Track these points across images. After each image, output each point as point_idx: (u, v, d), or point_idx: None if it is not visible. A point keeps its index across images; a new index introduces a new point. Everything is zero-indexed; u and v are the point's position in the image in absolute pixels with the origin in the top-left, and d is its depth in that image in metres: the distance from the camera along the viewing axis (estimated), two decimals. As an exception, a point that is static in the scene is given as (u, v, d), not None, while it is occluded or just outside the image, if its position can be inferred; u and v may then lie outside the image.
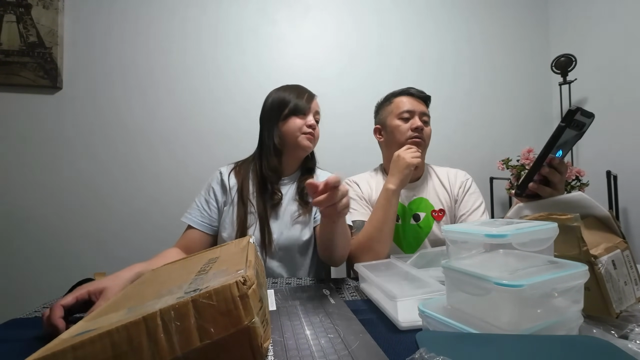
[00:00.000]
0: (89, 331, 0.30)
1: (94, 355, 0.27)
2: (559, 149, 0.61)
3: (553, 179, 0.63)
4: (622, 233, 0.53)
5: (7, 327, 0.56)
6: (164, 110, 1.67)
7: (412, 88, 1.07)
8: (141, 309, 0.32)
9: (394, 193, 0.91)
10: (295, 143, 0.94)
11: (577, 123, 0.58)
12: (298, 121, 0.93)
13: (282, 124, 0.94)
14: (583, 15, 1.89)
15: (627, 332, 0.44)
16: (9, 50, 1.52)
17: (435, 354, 0.31)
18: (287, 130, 0.94)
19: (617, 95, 1.71)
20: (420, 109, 1.02)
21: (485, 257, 0.46)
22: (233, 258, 0.46)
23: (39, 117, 1.56)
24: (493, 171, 1.81)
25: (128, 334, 0.29)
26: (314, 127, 0.95)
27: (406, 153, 0.94)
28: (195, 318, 0.30)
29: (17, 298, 1.47)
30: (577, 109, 0.57)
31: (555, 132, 0.57)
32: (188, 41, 1.70)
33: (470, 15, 2.00)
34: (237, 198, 0.92)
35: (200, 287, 0.34)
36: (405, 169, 0.92)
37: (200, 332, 0.30)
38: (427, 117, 1.03)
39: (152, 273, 0.59)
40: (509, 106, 2.02)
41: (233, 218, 0.91)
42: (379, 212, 0.91)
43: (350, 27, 1.86)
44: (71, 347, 0.27)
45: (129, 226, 1.60)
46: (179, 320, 0.30)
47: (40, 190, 1.55)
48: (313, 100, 0.98)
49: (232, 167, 1.01)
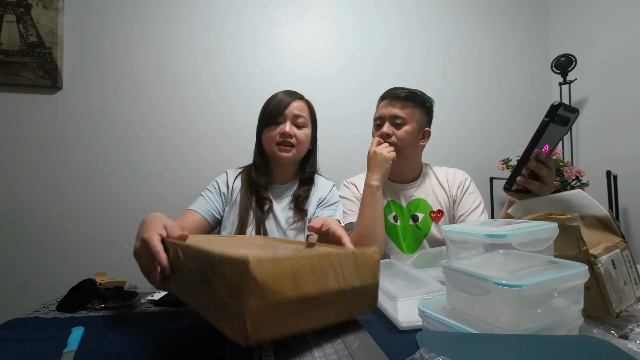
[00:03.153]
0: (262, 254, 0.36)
1: (302, 267, 0.36)
2: (545, 144, 0.63)
3: (541, 173, 0.64)
4: (621, 233, 0.53)
5: (7, 327, 0.56)
6: (164, 110, 1.67)
7: (390, 90, 1.03)
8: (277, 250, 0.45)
9: (378, 189, 0.93)
10: (272, 155, 0.95)
11: (561, 118, 0.60)
12: (272, 132, 0.94)
13: (263, 135, 0.96)
14: (583, 15, 1.90)
15: (627, 332, 0.44)
16: (9, 50, 1.52)
17: (436, 354, 0.31)
18: (264, 142, 0.97)
19: (617, 95, 1.71)
20: (391, 113, 0.99)
21: (485, 257, 0.46)
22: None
23: (39, 117, 1.56)
24: (493, 171, 1.81)
25: (320, 261, 0.38)
26: (290, 135, 0.92)
27: (381, 149, 0.95)
28: (354, 264, 0.41)
29: (17, 298, 1.47)
30: (560, 104, 0.58)
31: (540, 127, 0.60)
32: (188, 41, 1.70)
33: (470, 15, 2.00)
34: (239, 200, 0.94)
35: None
36: (385, 163, 0.94)
37: (357, 275, 0.42)
38: (400, 119, 0.98)
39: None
40: (509, 106, 2.02)
41: (233, 219, 0.93)
42: (367, 210, 0.92)
43: (350, 27, 1.86)
44: (288, 257, 0.35)
45: (129, 226, 1.59)
46: (346, 262, 0.41)
47: (40, 190, 1.55)
48: (288, 106, 0.94)
49: (238, 171, 1.03)
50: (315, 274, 0.37)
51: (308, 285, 0.36)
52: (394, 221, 1.03)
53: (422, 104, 1.02)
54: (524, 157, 0.63)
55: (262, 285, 0.31)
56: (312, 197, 1.01)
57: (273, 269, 0.33)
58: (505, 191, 0.67)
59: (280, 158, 0.94)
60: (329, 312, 0.40)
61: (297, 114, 0.95)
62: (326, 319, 0.40)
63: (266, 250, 0.42)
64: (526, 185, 0.66)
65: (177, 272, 0.45)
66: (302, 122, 0.96)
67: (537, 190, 0.65)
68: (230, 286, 0.33)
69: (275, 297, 0.33)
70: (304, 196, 0.98)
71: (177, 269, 0.46)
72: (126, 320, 0.60)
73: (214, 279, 0.35)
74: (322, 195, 1.02)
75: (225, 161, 1.52)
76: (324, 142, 1.78)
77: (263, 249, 0.45)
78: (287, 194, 1.00)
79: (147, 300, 0.70)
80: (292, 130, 0.93)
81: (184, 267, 0.43)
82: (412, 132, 0.99)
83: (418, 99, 1.01)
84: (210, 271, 0.36)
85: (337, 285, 0.39)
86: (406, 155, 1.00)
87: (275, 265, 0.33)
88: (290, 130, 0.92)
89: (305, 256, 0.37)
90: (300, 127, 0.95)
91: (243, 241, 0.59)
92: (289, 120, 0.94)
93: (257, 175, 0.96)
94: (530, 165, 0.64)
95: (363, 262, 0.42)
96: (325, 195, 1.02)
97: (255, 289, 0.31)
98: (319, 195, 1.01)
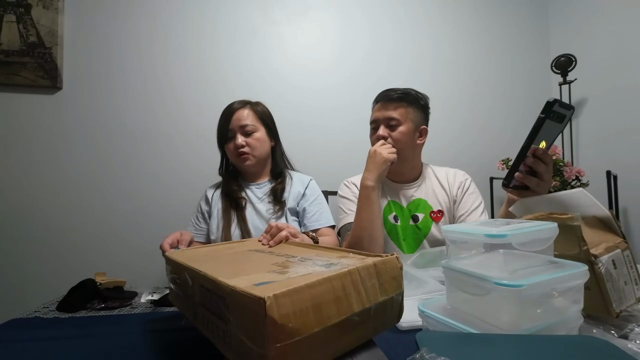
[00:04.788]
0: (271, 282, 0.33)
1: (322, 294, 0.32)
2: (541, 140, 0.63)
3: (538, 169, 0.65)
4: (622, 233, 0.53)
5: (7, 327, 0.56)
6: (164, 110, 1.67)
7: (382, 92, 1.03)
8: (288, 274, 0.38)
9: (373, 189, 0.92)
10: (237, 165, 1.07)
11: (557, 115, 0.61)
12: (229, 147, 1.04)
13: (226, 151, 1.07)
14: (583, 15, 1.89)
15: (627, 332, 0.44)
16: (9, 50, 1.52)
17: (436, 354, 0.31)
18: (229, 157, 1.08)
19: (617, 95, 1.71)
20: (385, 115, 0.99)
21: (485, 257, 0.46)
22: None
23: (39, 117, 1.56)
24: (493, 171, 1.81)
25: (342, 282, 0.34)
26: (242, 146, 1.01)
27: (382, 149, 0.95)
28: (377, 278, 0.37)
29: (17, 298, 1.47)
30: (555, 100, 0.59)
31: (536, 124, 0.61)
32: (188, 41, 1.70)
33: (470, 15, 2.00)
34: (220, 206, 1.05)
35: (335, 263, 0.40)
36: (383, 164, 0.93)
37: (381, 289, 0.37)
38: (395, 121, 0.98)
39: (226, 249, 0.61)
40: (509, 106, 2.01)
41: (217, 222, 1.03)
42: (362, 212, 0.92)
43: (350, 27, 1.86)
44: (306, 286, 0.31)
45: (129, 226, 1.60)
46: (369, 278, 0.37)
47: (40, 190, 1.55)
48: (231, 120, 1.03)
49: (216, 186, 1.13)
50: (338, 299, 0.33)
51: (331, 312, 0.33)
52: (394, 221, 1.03)
53: (415, 103, 1.01)
54: (521, 154, 0.64)
55: (282, 325, 0.28)
56: (291, 189, 1.08)
57: (292, 304, 0.30)
58: (503, 188, 0.68)
59: (244, 168, 1.05)
60: (356, 334, 0.36)
61: (243, 123, 1.02)
62: (352, 342, 0.36)
63: (281, 271, 0.38)
64: (524, 181, 0.66)
65: (187, 296, 0.44)
66: (250, 129, 1.03)
67: (535, 187, 0.66)
68: (246, 327, 0.31)
69: (298, 334, 0.30)
70: (280, 189, 1.06)
71: (185, 292, 0.44)
72: (126, 320, 0.60)
73: (227, 314, 0.33)
74: (301, 189, 1.08)
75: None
76: (324, 142, 1.80)
77: (277, 267, 0.41)
78: (264, 190, 1.08)
79: (147, 300, 0.70)
80: (243, 140, 1.01)
81: (194, 293, 0.41)
82: (407, 132, 0.98)
83: (411, 98, 1.00)
84: (222, 305, 0.34)
85: (362, 305, 0.35)
86: (404, 155, 1.00)
87: (293, 299, 0.30)
88: (241, 142, 1.00)
89: (325, 279, 0.33)
90: (249, 134, 1.02)
91: (250, 255, 0.53)
92: (237, 132, 1.02)
93: (225, 185, 1.07)
94: (528, 162, 0.64)
95: (385, 273, 0.38)
96: (304, 189, 1.09)
97: (273, 331, 0.28)
98: (297, 189, 1.08)
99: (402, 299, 0.41)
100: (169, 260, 0.52)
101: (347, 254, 0.44)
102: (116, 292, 0.70)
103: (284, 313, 0.29)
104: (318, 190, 1.12)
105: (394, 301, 0.39)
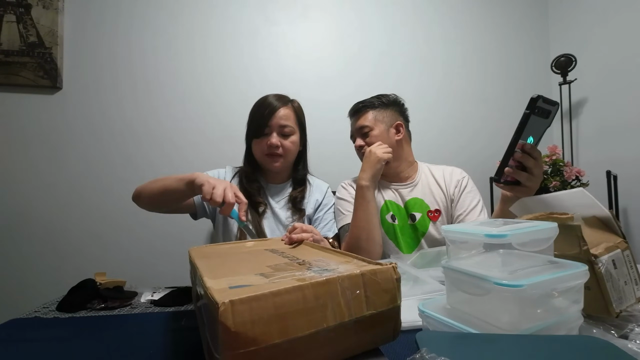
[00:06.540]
0: (247, 286, 0.31)
1: (290, 304, 0.30)
2: (529, 136, 0.65)
3: (527, 164, 0.66)
4: (622, 233, 0.53)
5: (7, 327, 0.56)
6: (164, 110, 1.67)
7: (351, 108, 1.10)
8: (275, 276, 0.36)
9: (368, 189, 0.94)
10: (263, 164, 0.99)
11: (542, 110, 0.63)
12: (260, 143, 0.96)
13: (252, 146, 0.99)
14: (583, 15, 1.89)
15: (627, 332, 0.44)
16: (9, 50, 1.51)
17: (436, 354, 0.31)
18: (254, 152, 0.99)
19: (617, 95, 1.71)
20: (357, 126, 1.05)
21: (485, 257, 0.46)
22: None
23: (39, 117, 1.56)
24: (493, 171, 1.77)
25: (315, 292, 0.31)
26: (277, 147, 0.93)
27: (377, 148, 0.97)
28: (364, 290, 0.34)
29: (17, 298, 1.47)
30: (538, 96, 0.62)
31: (522, 119, 0.63)
32: (188, 41, 1.70)
33: (469, 15, 1.99)
34: None
35: (331, 268, 0.37)
36: (377, 163, 0.95)
37: (367, 302, 0.34)
38: (367, 128, 1.03)
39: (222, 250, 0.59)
40: (508, 106, 2.01)
41: (226, 219, 0.95)
42: (358, 212, 0.94)
43: (350, 27, 1.86)
44: (270, 293, 0.29)
45: (129, 226, 1.60)
46: (352, 289, 0.33)
47: (40, 190, 1.55)
48: (273, 116, 0.94)
49: (235, 170, 1.04)
50: (309, 310, 0.31)
51: (299, 324, 0.30)
52: (392, 220, 1.03)
53: (381, 105, 1.05)
54: (509, 149, 0.65)
55: (235, 333, 0.27)
56: (310, 197, 1.04)
57: (249, 312, 0.28)
58: (494, 182, 0.69)
59: (271, 169, 0.99)
60: (331, 350, 0.33)
61: (283, 123, 0.95)
62: (326, 359, 0.34)
63: (269, 274, 0.36)
64: (514, 175, 0.67)
65: (195, 293, 0.44)
66: (289, 130, 0.96)
67: (525, 181, 0.67)
68: (210, 331, 0.29)
69: (255, 344, 0.28)
70: (300, 197, 1.02)
71: (194, 289, 0.44)
72: (126, 320, 0.60)
73: (202, 314, 0.32)
74: (319, 198, 1.06)
75: (225, 160, 1.51)
76: (324, 142, 1.79)
77: (269, 269, 0.39)
78: (284, 193, 1.03)
79: (147, 300, 0.70)
80: (279, 141, 0.94)
81: (196, 290, 0.41)
82: (380, 134, 1.02)
83: (375, 102, 1.05)
84: (202, 305, 0.33)
85: (340, 319, 0.32)
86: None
87: (252, 307, 0.28)
88: (276, 141, 0.93)
89: (294, 287, 0.30)
90: (287, 135, 0.96)
91: (258, 255, 0.51)
92: (275, 131, 0.94)
93: (247, 182, 0.99)
94: (517, 156, 0.66)
95: (375, 285, 0.35)
96: (322, 197, 1.06)
97: (227, 338, 0.27)
98: (316, 197, 1.05)
99: (398, 314, 0.37)
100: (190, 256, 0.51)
101: (351, 259, 0.42)
102: (116, 292, 0.70)
103: (240, 321, 0.27)
104: (333, 198, 1.10)
105: (385, 316, 0.35)
